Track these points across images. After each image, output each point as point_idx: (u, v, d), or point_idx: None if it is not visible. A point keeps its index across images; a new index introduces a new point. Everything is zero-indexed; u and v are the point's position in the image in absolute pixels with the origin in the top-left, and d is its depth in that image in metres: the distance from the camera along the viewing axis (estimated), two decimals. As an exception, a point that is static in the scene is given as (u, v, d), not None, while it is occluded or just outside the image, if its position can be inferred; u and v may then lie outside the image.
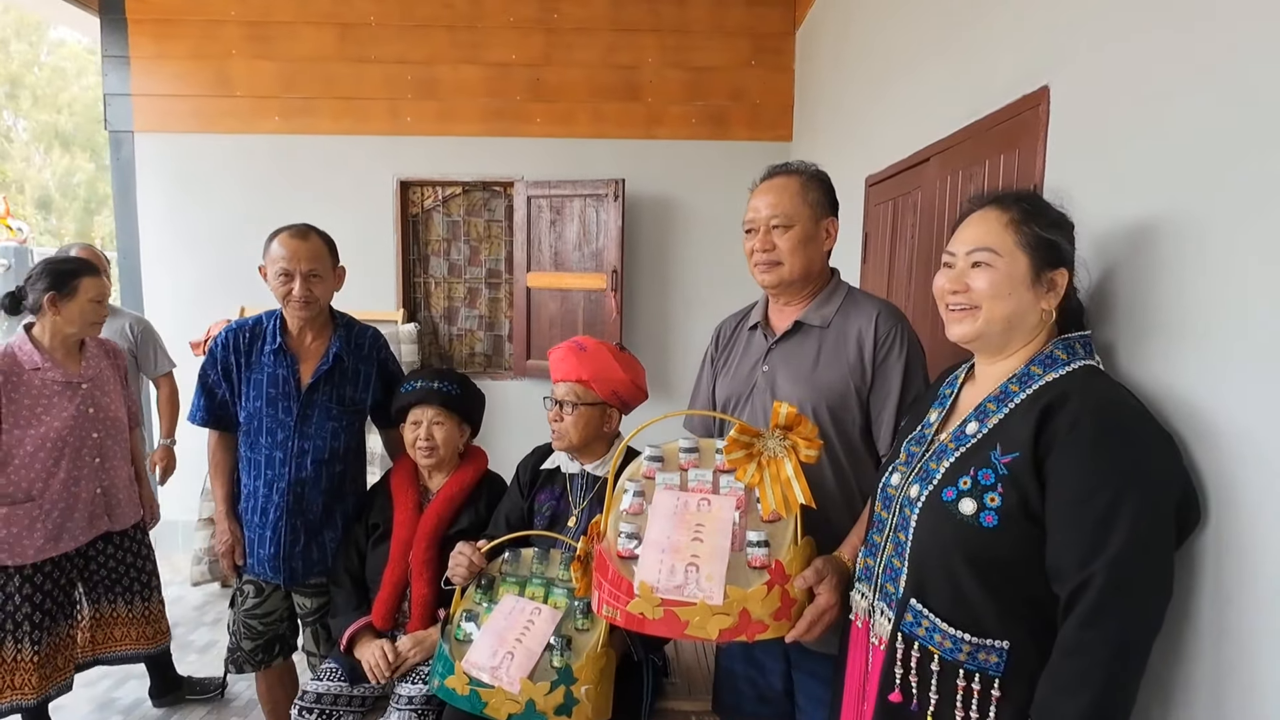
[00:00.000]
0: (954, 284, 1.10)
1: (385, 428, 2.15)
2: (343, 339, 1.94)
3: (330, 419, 1.92)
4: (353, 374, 1.96)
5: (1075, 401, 0.96)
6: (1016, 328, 1.07)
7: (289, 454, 1.88)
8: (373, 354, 2.01)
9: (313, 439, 1.89)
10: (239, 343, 1.90)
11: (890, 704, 1.09)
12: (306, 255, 1.83)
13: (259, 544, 1.92)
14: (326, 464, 1.92)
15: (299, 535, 1.91)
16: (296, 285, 1.82)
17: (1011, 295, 1.05)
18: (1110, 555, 0.89)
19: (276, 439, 1.88)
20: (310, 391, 1.89)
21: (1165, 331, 1.06)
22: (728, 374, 1.63)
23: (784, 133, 3.79)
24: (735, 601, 1.22)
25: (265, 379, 1.88)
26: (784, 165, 1.52)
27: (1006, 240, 1.06)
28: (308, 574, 1.95)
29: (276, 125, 3.82)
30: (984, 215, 1.09)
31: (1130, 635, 0.90)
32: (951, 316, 1.12)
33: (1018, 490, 0.98)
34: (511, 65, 3.78)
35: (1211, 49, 1.01)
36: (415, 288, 4.01)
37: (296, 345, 1.92)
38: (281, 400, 1.88)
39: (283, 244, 1.83)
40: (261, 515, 1.90)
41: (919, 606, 1.06)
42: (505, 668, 1.48)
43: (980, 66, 1.66)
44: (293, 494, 1.89)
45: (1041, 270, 1.05)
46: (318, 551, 1.96)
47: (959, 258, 1.10)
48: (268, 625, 2.01)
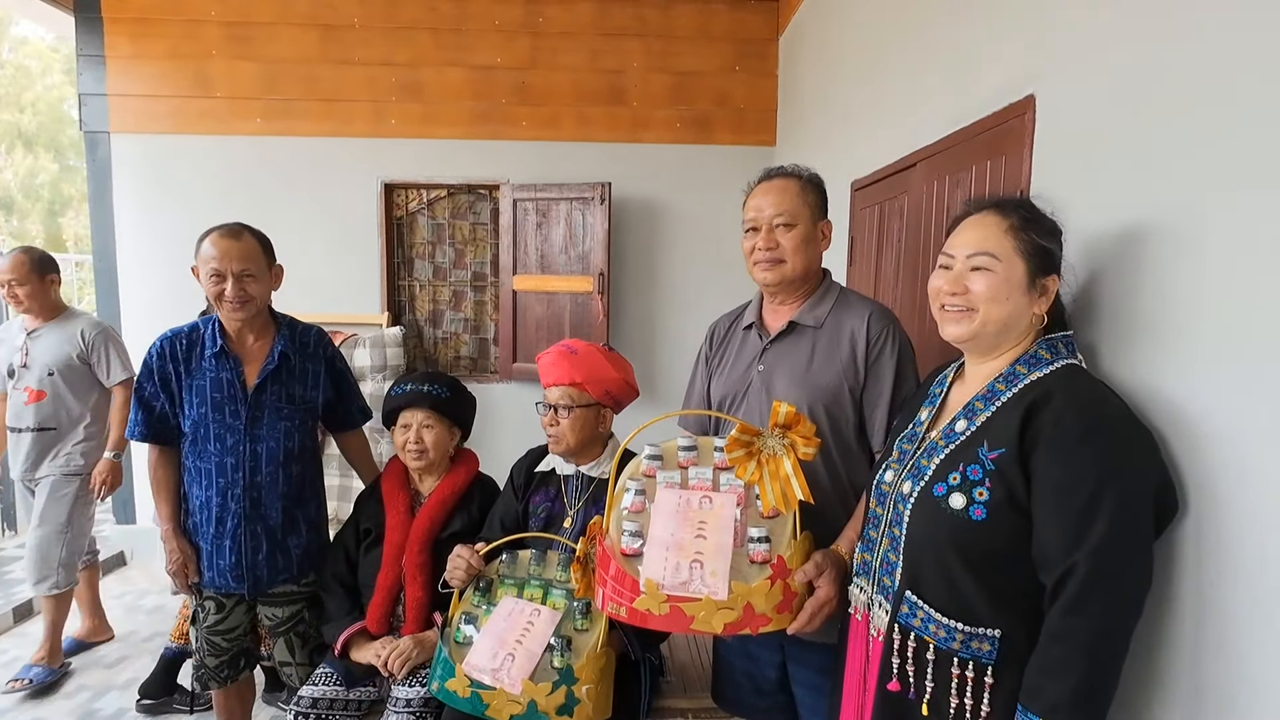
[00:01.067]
0: (953, 285, 1.13)
1: (338, 431, 2.12)
2: (287, 338, 1.90)
3: (282, 419, 1.88)
4: (300, 372, 1.92)
5: (1058, 399, 1.01)
6: (1010, 330, 1.11)
7: (241, 458, 1.83)
8: (319, 351, 1.97)
9: (265, 440, 1.85)
10: (176, 351, 1.84)
11: (889, 693, 1.12)
12: (238, 255, 1.78)
13: (217, 555, 1.85)
14: (283, 465, 1.88)
15: (260, 542, 1.86)
16: (229, 286, 1.76)
17: (1009, 299, 1.08)
18: (1092, 545, 0.93)
19: (226, 444, 1.82)
20: (258, 392, 1.84)
21: (1147, 333, 1.11)
22: (723, 373, 1.66)
23: (767, 138, 3.84)
24: (739, 596, 1.25)
25: (208, 384, 1.82)
26: (781, 168, 1.56)
27: (1006, 246, 1.09)
28: (273, 581, 1.91)
29: (258, 127, 3.77)
30: (983, 220, 1.12)
31: (1112, 621, 0.95)
32: (947, 316, 1.15)
33: (1005, 484, 1.01)
34: (497, 69, 3.78)
35: (1196, 59, 1.05)
36: (400, 291, 3.99)
37: (238, 347, 1.86)
38: (228, 404, 1.82)
39: (213, 244, 1.77)
40: (218, 525, 1.84)
41: (914, 598, 1.10)
42: (506, 669, 1.49)
43: (967, 75, 1.71)
44: (249, 499, 1.84)
45: (1036, 276, 1.09)
46: (283, 559, 1.91)
47: (958, 260, 1.12)
48: (232, 640, 1.96)
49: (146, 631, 3.14)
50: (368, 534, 1.99)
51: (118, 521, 3.98)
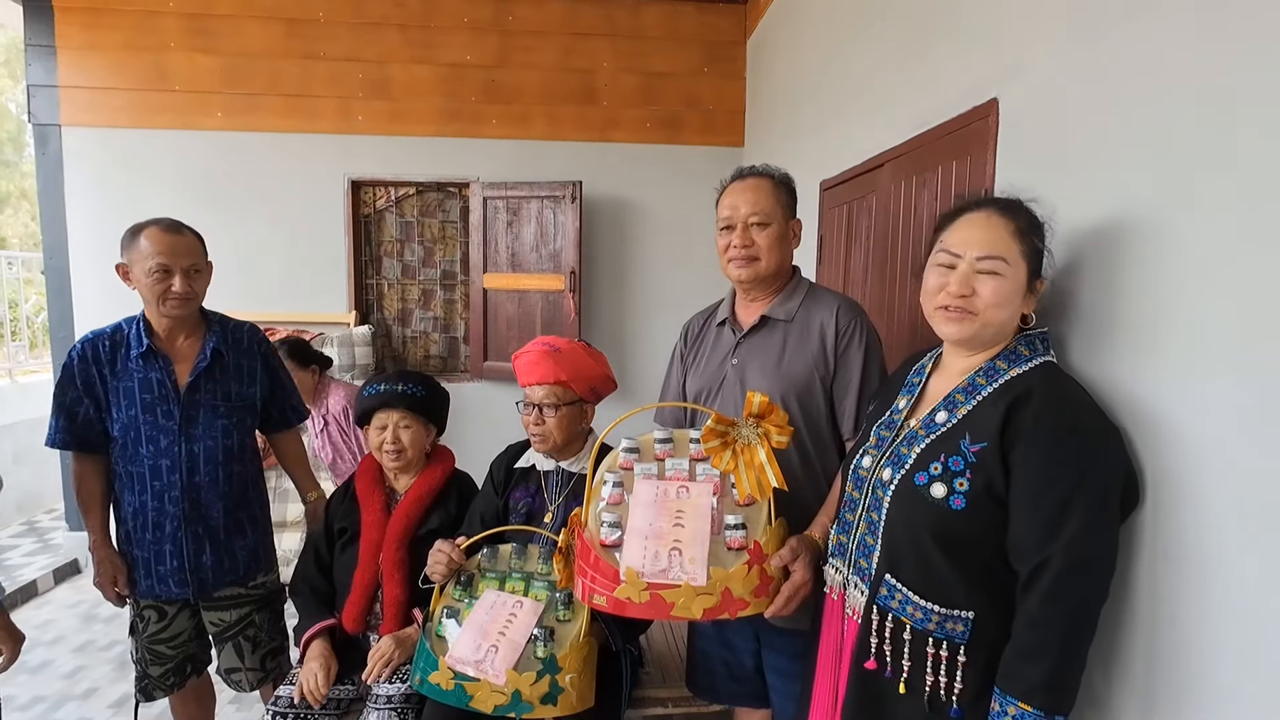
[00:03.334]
0: (961, 287, 1.10)
1: (271, 431, 2.07)
2: (219, 335, 1.84)
3: (219, 417, 1.82)
4: (235, 369, 1.87)
5: (1038, 398, 1.05)
6: (1003, 330, 1.14)
7: (177, 460, 1.77)
8: (254, 348, 1.92)
9: (201, 440, 1.79)
10: (99, 353, 1.76)
11: (865, 671, 1.17)
12: (185, 250, 1.74)
13: (156, 561, 1.79)
14: (222, 465, 1.82)
15: (203, 544, 1.81)
16: (177, 281, 1.71)
17: (1011, 304, 1.11)
18: (1067, 538, 0.99)
19: (160, 446, 1.76)
20: (191, 392, 1.79)
21: (1112, 330, 1.17)
22: (698, 368, 1.69)
23: (735, 139, 3.90)
24: (718, 581, 1.28)
25: (136, 385, 1.76)
26: (753, 167, 1.60)
27: (1014, 250, 1.10)
28: (219, 584, 1.85)
29: (219, 121, 3.70)
30: (990, 221, 1.12)
31: (1085, 609, 1.01)
32: (948, 316, 1.14)
33: (984, 476, 1.06)
34: (466, 66, 3.76)
35: (1155, 63, 1.12)
36: (367, 290, 3.94)
37: (166, 346, 1.80)
38: (160, 405, 1.76)
39: (155, 239, 1.71)
40: (155, 530, 1.78)
41: (893, 581, 1.14)
42: (490, 660, 1.50)
43: (931, 79, 1.78)
44: (188, 500, 1.78)
45: (1032, 279, 1.13)
46: (229, 561, 1.86)
47: (965, 260, 1.11)
48: (176, 648, 1.89)
49: (104, 640, 3.05)
50: (343, 533, 1.97)
51: (70, 528, 3.85)
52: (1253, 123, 0.93)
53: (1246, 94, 0.95)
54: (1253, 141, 0.93)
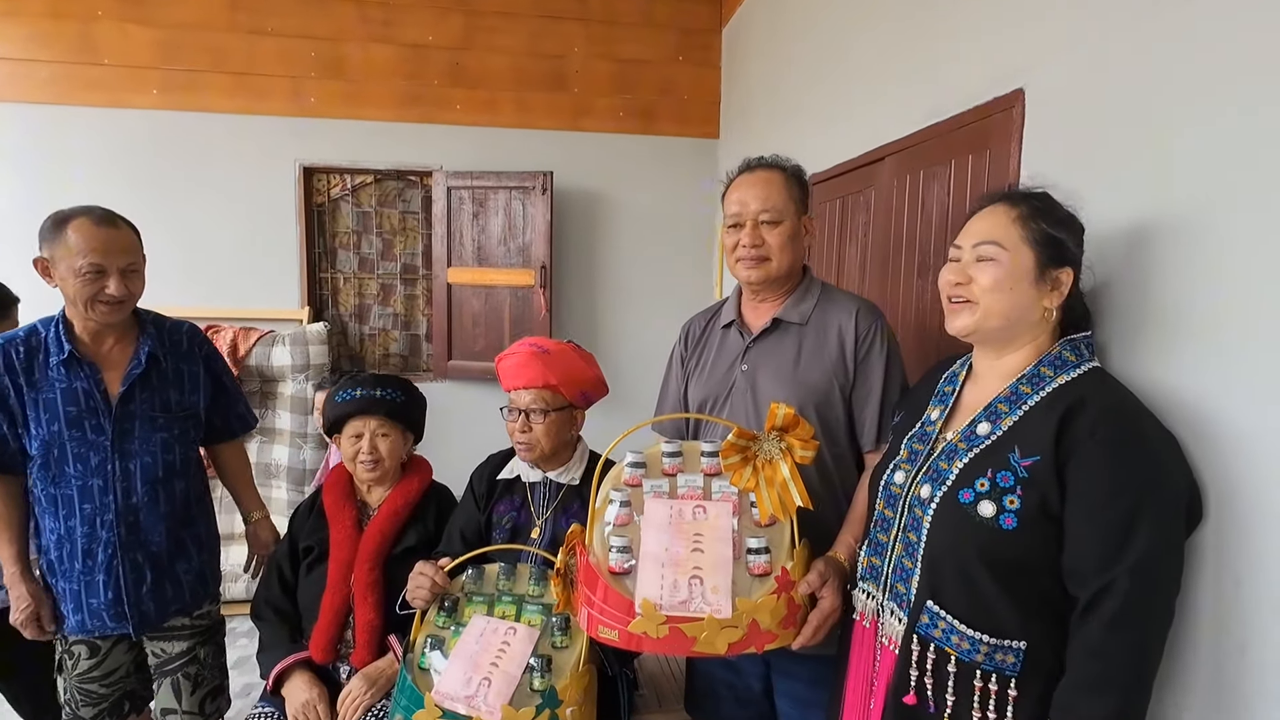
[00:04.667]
0: (959, 276, 1.10)
1: (213, 442, 1.87)
2: (154, 337, 1.65)
3: (157, 429, 1.63)
4: (174, 375, 1.67)
5: (1093, 408, 0.98)
6: (1016, 323, 1.08)
7: (110, 479, 1.57)
8: (194, 350, 1.73)
9: (139, 456, 1.60)
10: (12, 360, 1.55)
11: (904, 707, 1.08)
12: (121, 247, 1.54)
13: (88, 593, 1.58)
14: (163, 483, 1.63)
15: (143, 572, 1.61)
16: (112, 283, 1.51)
17: (1012, 290, 1.05)
18: (1133, 561, 0.91)
19: (90, 465, 1.56)
20: (124, 402, 1.59)
21: (1158, 332, 1.11)
22: (702, 374, 1.58)
23: (711, 129, 3.79)
24: (744, 613, 1.18)
25: (59, 397, 1.55)
26: (762, 159, 1.49)
27: (1012, 234, 1.06)
28: (163, 615, 1.66)
29: (155, 100, 3.39)
30: (993, 210, 1.09)
31: (1153, 637, 0.94)
32: (951, 309, 1.13)
33: (1038, 493, 0.98)
34: (428, 48, 3.55)
35: (1194, 52, 1.06)
36: (321, 284, 3.70)
37: (92, 352, 1.59)
38: (87, 418, 1.56)
39: (86, 234, 1.50)
40: (85, 559, 1.57)
41: (935, 608, 1.05)
42: (483, 695, 1.36)
43: (944, 67, 1.70)
44: (124, 525, 1.58)
45: (1046, 267, 1.06)
46: (172, 588, 1.66)
47: (965, 250, 1.09)
48: (111, 685, 1.69)
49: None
50: (308, 552, 1.79)
51: None
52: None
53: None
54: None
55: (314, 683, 1.64)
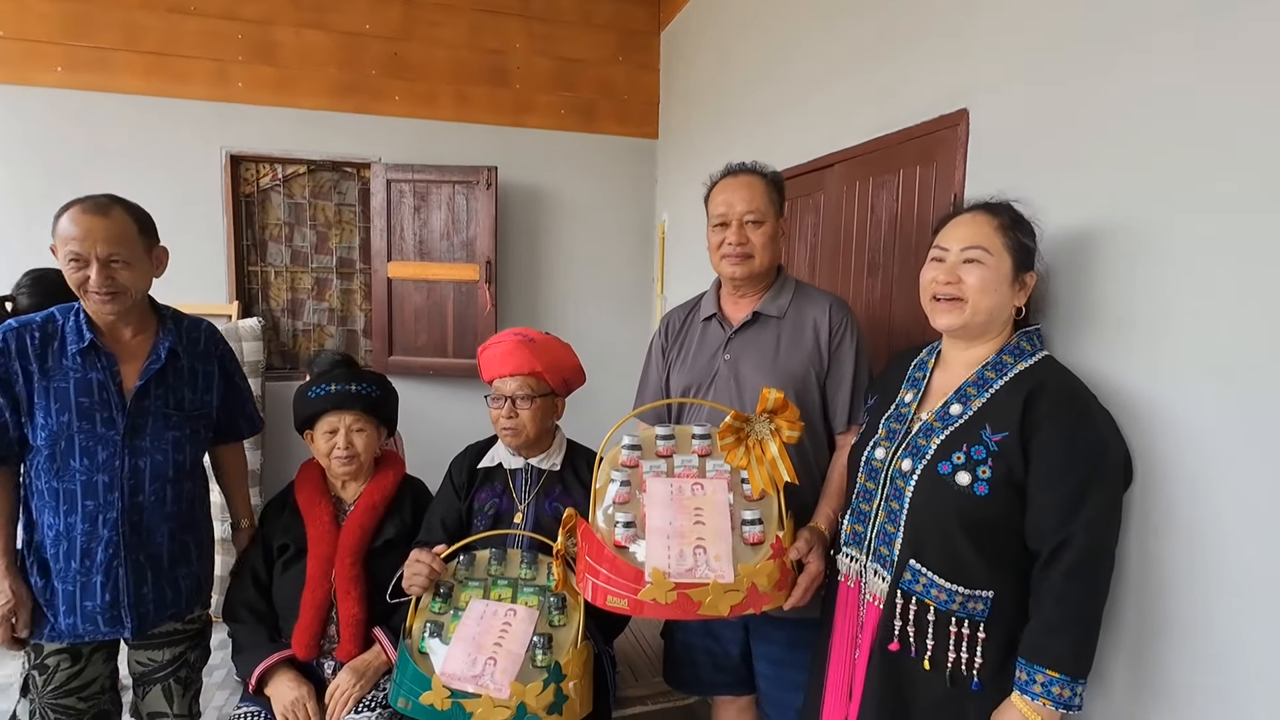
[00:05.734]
0: (948, 275, 1.23)
1: (218, 443, 1.80)
2: (174, 334, 1.62)
3: (170, 428, 1.59)
4: (190, 374, 1.64)
5: (1051, 390, 1.15)
6: (994, 320, 1.24)
7: (117, 476, 1.52)
8: (211, 350, 1.71)
9: (150, 454, 1.55)
10: (25, 346, 1.49)
11: (888, 654, 1.23)
12: (105, 235, 1.47)
13: (83, 595, 1.51)
14: (172, 483, 1.59)
15: (144, 573, 1.56)
16: (93, 273, 1.46)
17: (996, 291, 1.21)
18: (1085, 519, 1.09)
19: (97, 460, 1.50)
20: (139, 397, 1.54)
21: (1091, 324, 1.30)
22: (684, 364, 1.69)
23: (650, 130, 3.90)
24: (745, 578, 1.29)
25: (72, 387, 1.50)
26: (743, 165, 1.61)
27: (997, 242, 1.21)
28: (160, 619, 1.61)
29: (59, 78, 3.14)
30: (975, 218, 1.23)
31: (1103, 580, 1.12)
32: (939, 307, 1.25)
33: (1005, 464, 1.15)
34: (365, 36, 3.46)
35: (1121, 79, 1.25)
36: (251, 278, 3.54)
37: (111, 343, 1.55)
38: (100, 411, 1.51)
39: (74, 220, 1.46)
40: (84, 559, 1.51)
41: (917, 565, 1.20)
42: (489, 674, 1.41)
43: (894, 84, 1.87)
44: (129, 524, 1.53)
45: (1020, 271, 1.23)
46: (171, 592, 1.61)
47: (952, 253, 1.23)
48: (88, 699, 1.59)
49: None
50: (284, 550, 1.77)
51: None
52: (1209, 140, 1.10)
53: (1210, 114, 1.10)
54: (1211, 156, 1.10)
55: (300, 680, 1.63)
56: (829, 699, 1.36)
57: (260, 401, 3.16)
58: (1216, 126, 1.10)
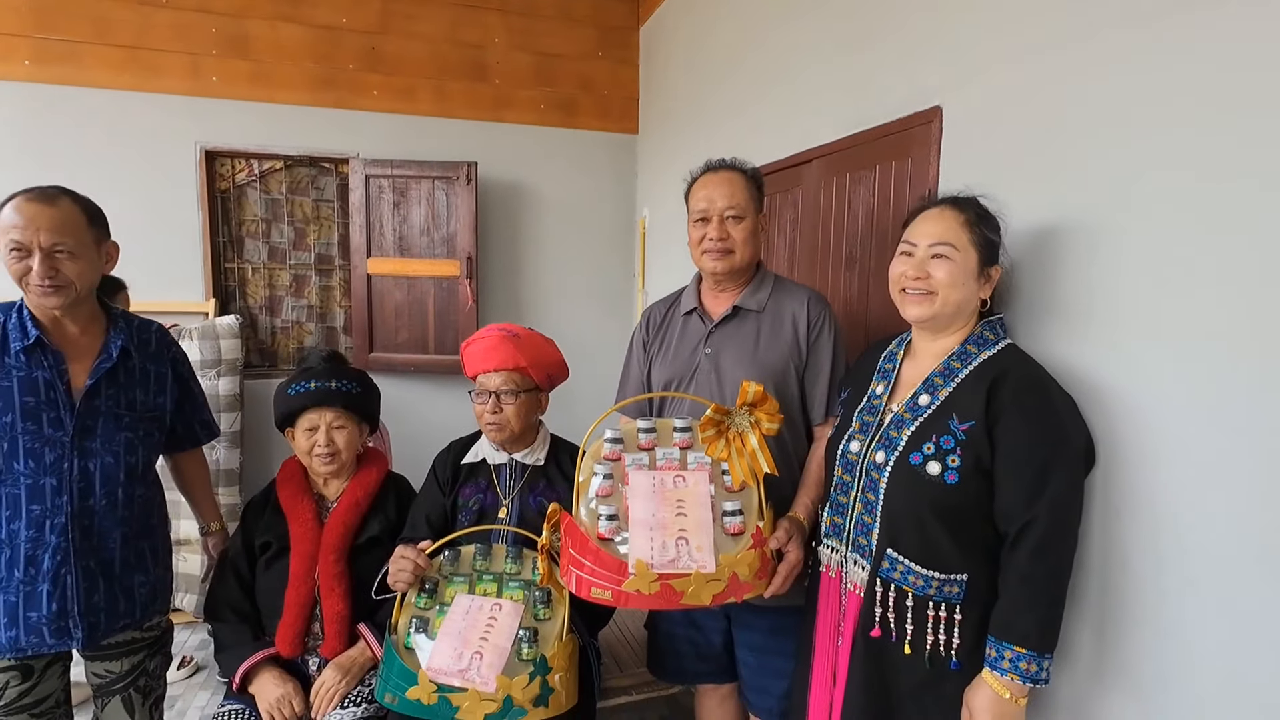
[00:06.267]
0: (917, 270, 1.27)
1: (174, 450, 1.75)
2: (125, 333, 1.55)
3: (122, 429, 1.51)
4: (142, 375, 1.56)
5: (1013, 377, 1.19)
6: (961, 312, 1.27)
7: (66, 479, 1.44)
8: (163, 351, 1.63)
9: (100, 456, 1.47)
10: None
11: (871, 640, 1.26)
12: (49, 224, 1.39)
13: (26, 605, 1.43)
14: (124, 486, 1.51)
15: (95, 581, 1.48)
16: (35, 263, 1.39)
17: (963, 285, 1.25)
18: (1049, 499, 1.13)
19: (44, 462, 1.42)
20: (89, 396, 1.46)
21: (1055, 314, 1.34)
22: (665, 357, 1.70)
23: (630, 125, 3.91)
24: (726, 567, 1.32)
25: (16, 385, 1.42)
26: (723, 160, 1.63)
27: (963, 237, 1.25)
28: (111, 630, 1.52)
29: (27, 71, 3.08)
30: (943, 214, 1.27)
31: (1066, 559, 1.16)
32: (909, 299, 1.29)
33: (973, 452, 1.18)
34: (342, 30, 3.43)
35: (1092, 81, 1.29)
36: (227, 275, 3.50)
37: (58, 340, 1.47)
38: (46, 411, 1.43)
39: (17, 209, 1.40)
40: (28, 566, 1.42)
41: (894, 554, 1.24)
42: (475, 668, 1.43)
43: (868, 81, 1.90)
44: (78, 529, 1.45)
45: (985, 265, 1.26)
46: (125, 601, 1.53)
47: (920, 248, 1.27)
48: (40, 716, 1.51)
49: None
50: (266, 548, 1.77)
51: None
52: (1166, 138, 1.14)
53: (1169, 119, 1.14)
54: (1168, 153, 1.14)
55: (285, 678, 1.64)
56: (815, 685, 1.39)
57: (239, 399, 3.14)
58: (1174, 125, 1.14)
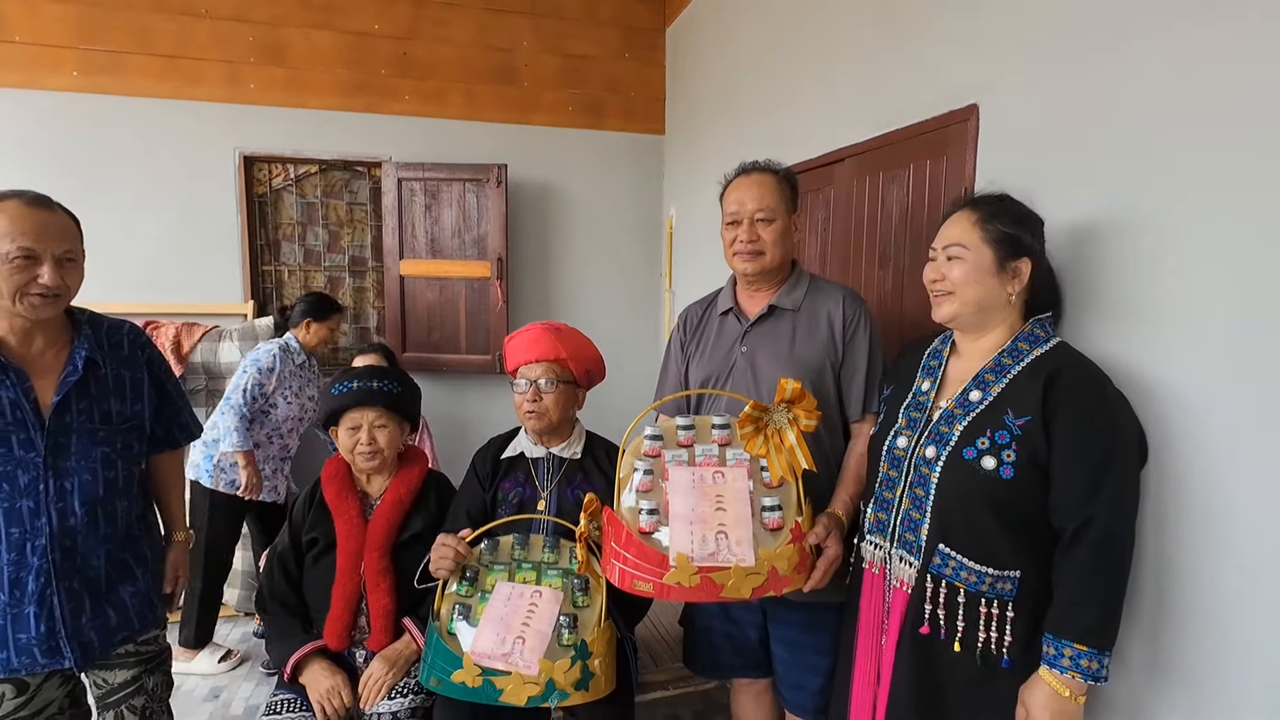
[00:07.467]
0: (935, 273, 1.32)
1: (151, 453, 1.64)
2: (91, 340, 1.46)
3: (98, 443, 1.45)
4: (115, 383, 1.49)
5: (1068, 373, 1.19)
6: (988, 309, 1.28)
7: (43, 500, 1.38)
8: (136, 354, 1.55)
9: (76, 474, 1.42)
10: None
11: (919, 637, 1.26)
12: (59, 232, 1.37)
13: (14, 628, 1.39)
14: (103, 503, 1.45)
15: (82, 600, 1.43)
16: (46, 272, 1.34)
17: (979, 282, 1.26)
18: (1109, 496, 1.13)
19: (19, 485, 1.37)
20: (59, 413, 1.40)
21: (1100, 311, 1.34)
22: (702, 356, 1.73)
23: (657, 126, 3.93)
24: (765, 561, 1.34)
25: None
26: (756, 163, 1.64)
27: (973, 236, 1.27)
28: (107, 645, 1.48)
29: (74, 82, 3.19)
30: (958, 217, 1.30)
31: (1127, 555, 1.16)
32: (935, 301, 1.33)
33: (1029, 446, 1.18)
34: (374, 36, 3.50)
35: (1128, 78, 1.28)
36: (265, 277, 3.59)
37: (20, 356, 1.40)
38: (15, 432, 1.37)
39: (18, 216, 1.33)
40: (13, 590, 1.38)
41: (946, 549, 1.24)
42: (519, 652, 1.47)
43: (902, 79, 1.90)
44: (60, 550, 1.40)
45: (1005, 260, 1.26)
46: (116, 615, 1.48)
47: (939, 252, 1.31)
48: None
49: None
50: (313, 544, 1.82)
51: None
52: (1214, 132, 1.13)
53: (1216, 107, 1.14)
54: (1216, 148, 1.14)
55: (334, 669, 1.69)
56: (857, 683, 1.40)
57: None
58: (1222, 120, 1.14)
